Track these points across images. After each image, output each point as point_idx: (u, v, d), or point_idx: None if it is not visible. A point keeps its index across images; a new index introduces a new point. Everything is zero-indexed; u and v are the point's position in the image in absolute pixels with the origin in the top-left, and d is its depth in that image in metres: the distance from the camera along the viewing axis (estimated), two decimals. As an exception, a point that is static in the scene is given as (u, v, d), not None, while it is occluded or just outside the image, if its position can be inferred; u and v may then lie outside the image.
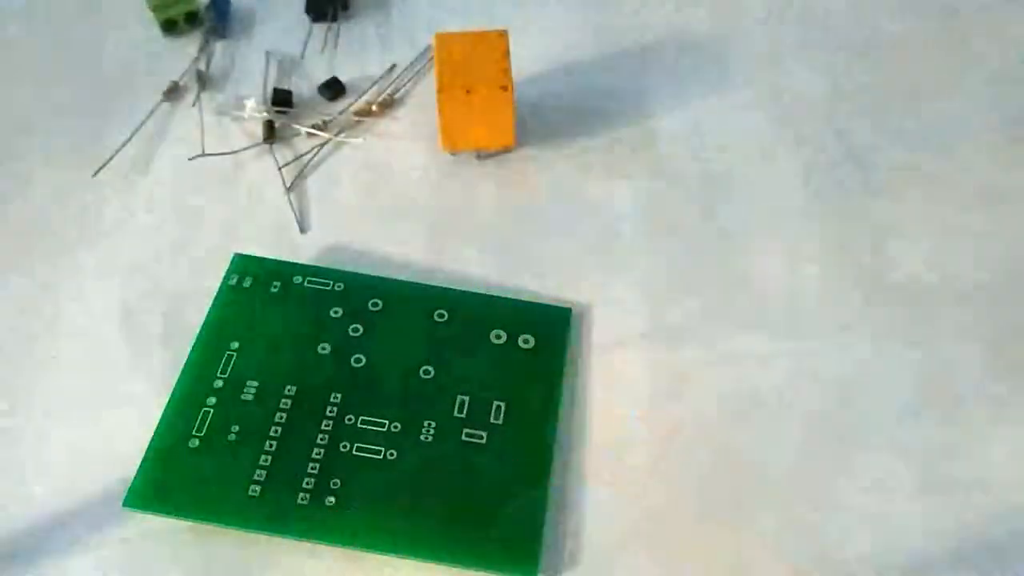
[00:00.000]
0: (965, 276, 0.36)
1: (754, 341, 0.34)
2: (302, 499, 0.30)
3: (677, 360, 0.34)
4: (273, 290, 0.35)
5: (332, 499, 0.30)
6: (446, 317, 0.34)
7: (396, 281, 0.35)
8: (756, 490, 0.31)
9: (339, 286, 0.35)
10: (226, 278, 0.35)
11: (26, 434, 0.32)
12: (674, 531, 0.30)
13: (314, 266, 0.36)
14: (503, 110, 0.38)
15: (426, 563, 0.29)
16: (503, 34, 0.38)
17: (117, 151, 0.39)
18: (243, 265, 0.35)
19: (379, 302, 0.35)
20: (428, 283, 0.35)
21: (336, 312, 0.34)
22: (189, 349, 0.33)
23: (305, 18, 0.45)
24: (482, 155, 0.40)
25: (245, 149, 0.40)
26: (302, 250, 0.37)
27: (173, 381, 0.32)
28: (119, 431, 0.32)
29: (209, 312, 0.34)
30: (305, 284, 0.35)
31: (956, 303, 0.35)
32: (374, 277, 0.35)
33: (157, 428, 0.31)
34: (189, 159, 0.40)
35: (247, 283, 0.35)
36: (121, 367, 0.34)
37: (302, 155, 0.40)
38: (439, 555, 0.29)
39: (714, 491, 0.31)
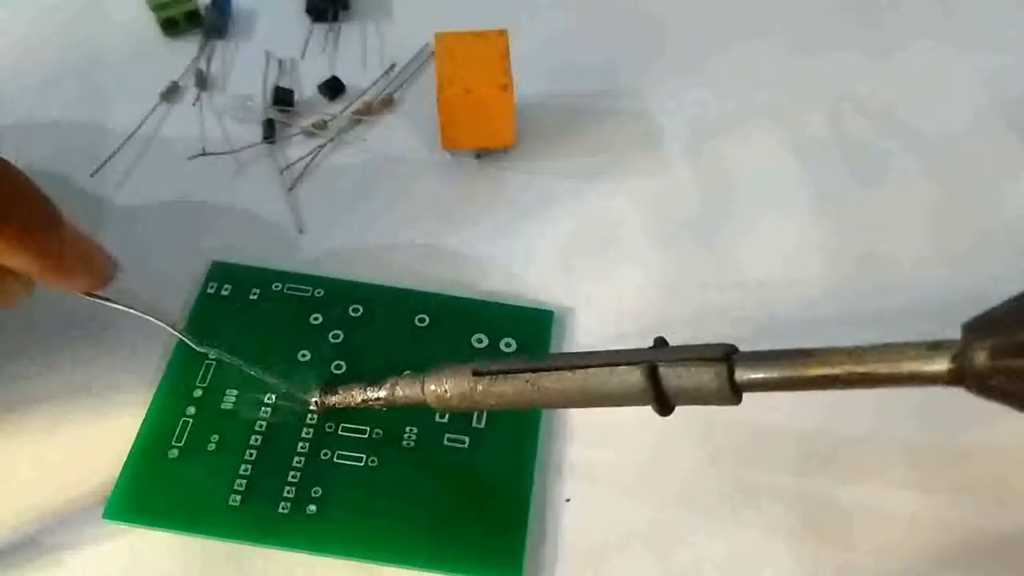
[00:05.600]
0: (967, 276, 0.35)
1: (747, 345, 0.33)
2: (283, 508, 0.30)
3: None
4: (252, 297, 0.34)
5: (313, 507, 0.30)
6: (427, 322, 0.34)
7: (376, 287, 0.35)
8: (746, 494, 0.31)
9: (319, 292, 0.35)
10: (204, 286, 0.35)
11: (3, 448, 0.32)
12: (657, 536, 0.30)
13: (293, 273, 0.35)
14: (503, 110, 0.37)
15: (409, 570, 0.29)
16: (503, 34, 0.38)
17: (117, 151, 0.40)
18: (221, 273, 0.35)
19: (359, 308, 0.34)
20: (409, 287, 0.35)
21: (316, 319, 0.34)
22: (168, 359, 0.33)
23: (305, 18, 0.45)
24: (482, 155, 0.40)
25: (245, 148, 0.40)
26: (301, 250, 0.37)
27: (152, 391, 0.32)
28: (98, 443, 0.31)
29: (187, 321, 0.34)
30: (284, 291, 0.35)
31: (959, 303, 0.34)
32: (354, 283, 0.35)
33: (136, 439, 0.31)
34: (189, 158, 0.39)
35: (225, 291, 0.35)
36: (100, 376, 0.33)
37: (302, 155, 0.40)
38: (422, 562, 0.29)
39: (701, 495, 0.31)
